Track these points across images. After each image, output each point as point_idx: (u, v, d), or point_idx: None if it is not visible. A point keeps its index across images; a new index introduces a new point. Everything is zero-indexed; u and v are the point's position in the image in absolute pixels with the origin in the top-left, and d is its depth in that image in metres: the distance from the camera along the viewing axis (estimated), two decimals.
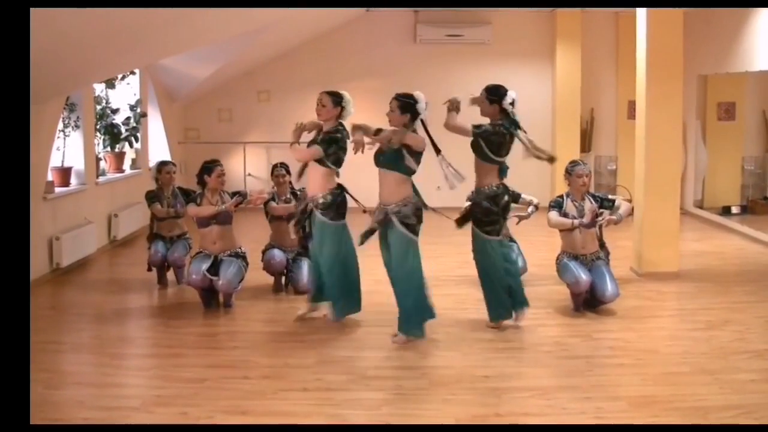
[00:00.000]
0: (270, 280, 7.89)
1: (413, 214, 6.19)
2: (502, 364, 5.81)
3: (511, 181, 8.12)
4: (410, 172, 6.21)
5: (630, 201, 7.86)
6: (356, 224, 6.67)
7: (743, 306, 7.32)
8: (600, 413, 4.83)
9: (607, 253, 7.52)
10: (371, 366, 5.75)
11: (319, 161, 6.51)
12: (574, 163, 7.23)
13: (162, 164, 8.28)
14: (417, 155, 6.11)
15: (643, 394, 5.17)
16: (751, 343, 6.23)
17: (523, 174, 6.79)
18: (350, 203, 6.68)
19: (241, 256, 7.28)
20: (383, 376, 5.53)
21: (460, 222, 6.68)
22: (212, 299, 7.27)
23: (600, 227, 7.22)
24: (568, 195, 7.16)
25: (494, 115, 6.49)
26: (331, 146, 6.48)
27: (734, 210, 12.09)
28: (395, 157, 6.14)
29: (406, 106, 6.18)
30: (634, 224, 8.82)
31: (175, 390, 5.26)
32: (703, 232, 11.22)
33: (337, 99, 6.56)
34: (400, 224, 6.12)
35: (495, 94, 6.48)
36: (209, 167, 7.23)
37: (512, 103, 6.44)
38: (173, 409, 4.94)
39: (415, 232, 6.20)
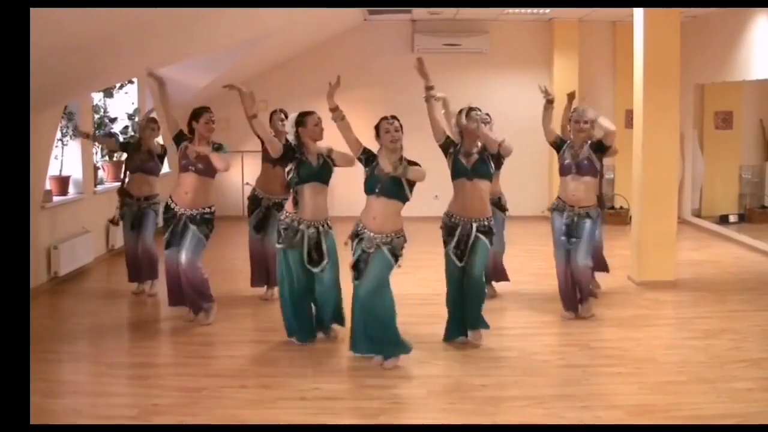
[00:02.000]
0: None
1: (401, 247, 5.91)
2: (500, 373, 5.81)
3: (510, 187, 8.12)
4: (406, 201, 5.94)
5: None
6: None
7: (740, 315, 7.33)
8: (597, 422, 4.84)
9: (603, 208, 7.52)
10: (369, 375, 5.75)
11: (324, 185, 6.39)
12: (574, 110, 7.41)
13: (148, 121, 8.18)
14: (413, 185, 5.88)
15: (641, 403, 5.18)
16: (748, 352, 6.23)
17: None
18: None
19: (206, 221, 6.92)
20: (381, 386, 5.52)
21: None
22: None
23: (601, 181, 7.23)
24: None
25: None
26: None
27: (732, 219, 12.10)
28: (396, 186, 5.80)
29: None
30: (632, 233, 8.83)
31: (173, 399, 5.26)
32: (701, 241, 11.23)
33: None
34: (388, 253, 5.80)
35: None
36: (198, 113, 6.93)
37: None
38: (170, 418, 4.94)
39: (396, 263, 5.90)
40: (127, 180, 8.10)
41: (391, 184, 5.78)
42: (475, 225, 6.29)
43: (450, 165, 6.36)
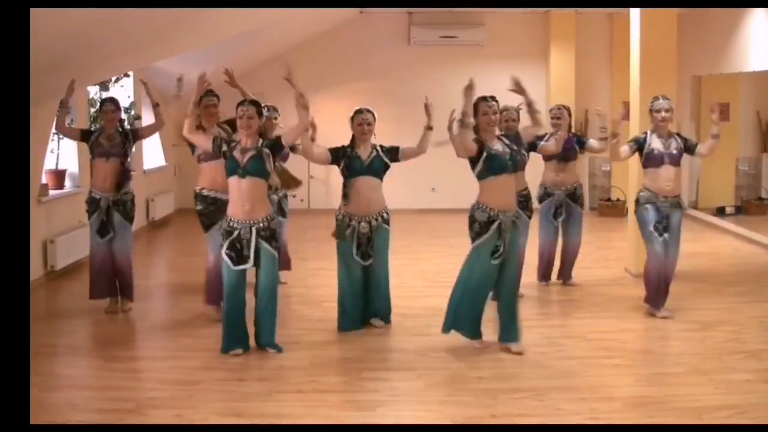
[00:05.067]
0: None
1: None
2: (497, 365, 5.81)
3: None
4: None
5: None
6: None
7: (737, 306, 7.33)
8: (595, 414, 4.84)
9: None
10: (366, 368, 5.75)
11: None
12: (654, 98, 7.15)
13: (101, 102, 7.58)
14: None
15: (638, 395, 5.18)
16: (746, 344, 6.24)
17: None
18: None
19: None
20: (378, 378, 5.52)
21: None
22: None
23: None
24: (652, 131, 7.05)
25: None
26: None
27: (728, 210, 12.10)
28: (383, 165, 6.42)
29: None
30: (629, 224, 8.82)
31: (170, 392, 5.26)
32: (698, 233, 11.23)
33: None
34: (386, 225, 6.35)
35: None
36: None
37: None
38: (168, 411, 4.93)
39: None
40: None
41: (379, 164, 6.31)
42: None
43: (484, 163, 5.84)
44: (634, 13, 8.58)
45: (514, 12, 13.39)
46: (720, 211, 12.10)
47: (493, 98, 5.98)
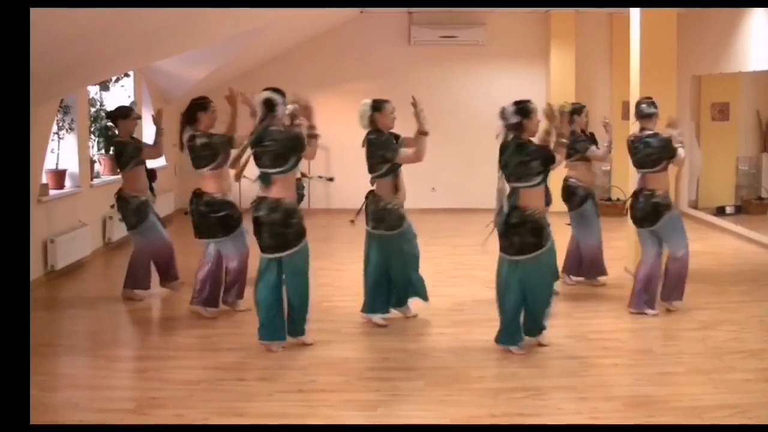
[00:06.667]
0: None
1: None
2: (498, 364, 5.82)
3: None
4: None
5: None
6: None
7: (738, 306, 7.34)
8: (595, 413, 4.84)
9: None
10: (367, 367, 5.76)
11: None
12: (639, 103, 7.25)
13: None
14: None
15: (638, 394, 5.19)
16: (746, 343, 6.24)
17: None
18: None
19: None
20: (379, 378, 5.53)
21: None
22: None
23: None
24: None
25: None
26: None
27: (728, 210, 12.10)
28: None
29: None
30: (629, 224, 8.81)
31: (171, 392, 5.26)
32: (698, 233, 11.21)
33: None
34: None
35: None
36: (203, 104, 6.97)
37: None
38: (168, 411, 4.94)
39: None
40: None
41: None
42: None
43: None
44: (634, 12, 8.58)
45: (515, 12, 13.39)
46: (720, 211, 12.10)
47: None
